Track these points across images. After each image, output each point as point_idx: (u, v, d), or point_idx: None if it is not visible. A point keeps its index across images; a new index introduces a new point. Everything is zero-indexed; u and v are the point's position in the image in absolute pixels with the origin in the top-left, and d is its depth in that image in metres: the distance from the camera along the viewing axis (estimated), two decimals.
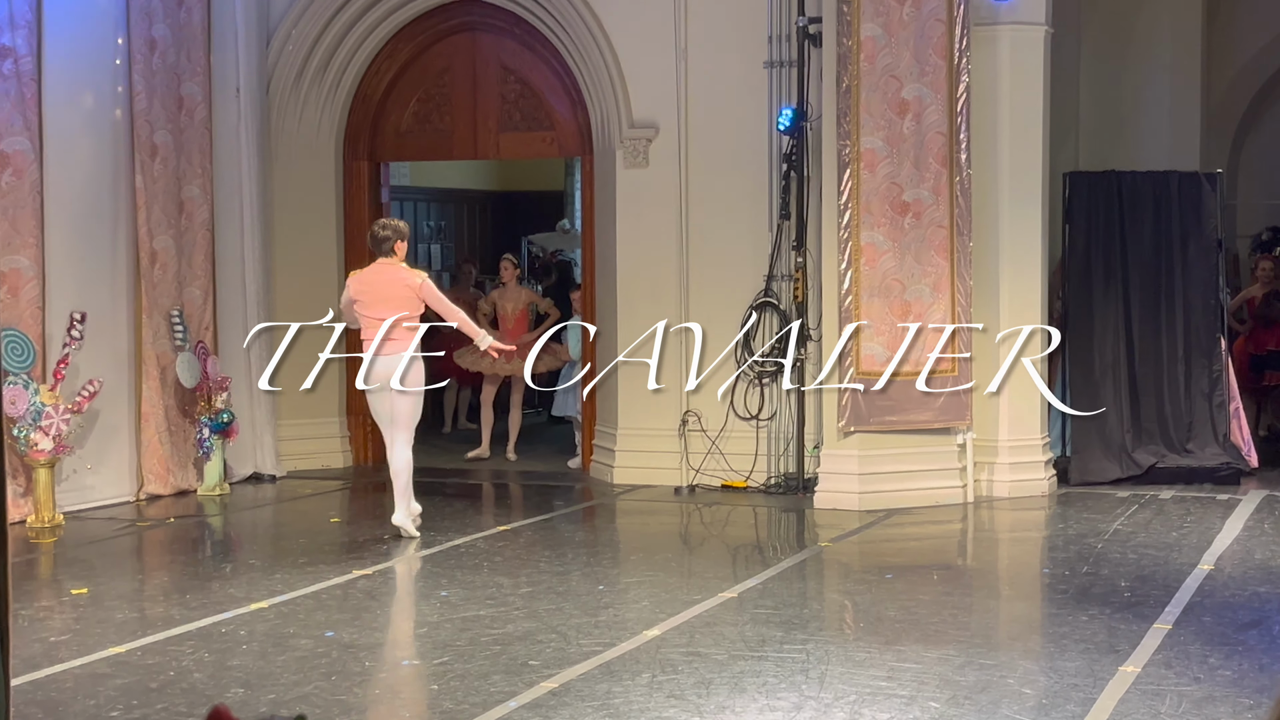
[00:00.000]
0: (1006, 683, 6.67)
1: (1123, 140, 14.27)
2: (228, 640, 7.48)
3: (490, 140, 13.33)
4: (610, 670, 6.86)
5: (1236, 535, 9.97)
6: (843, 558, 9.75)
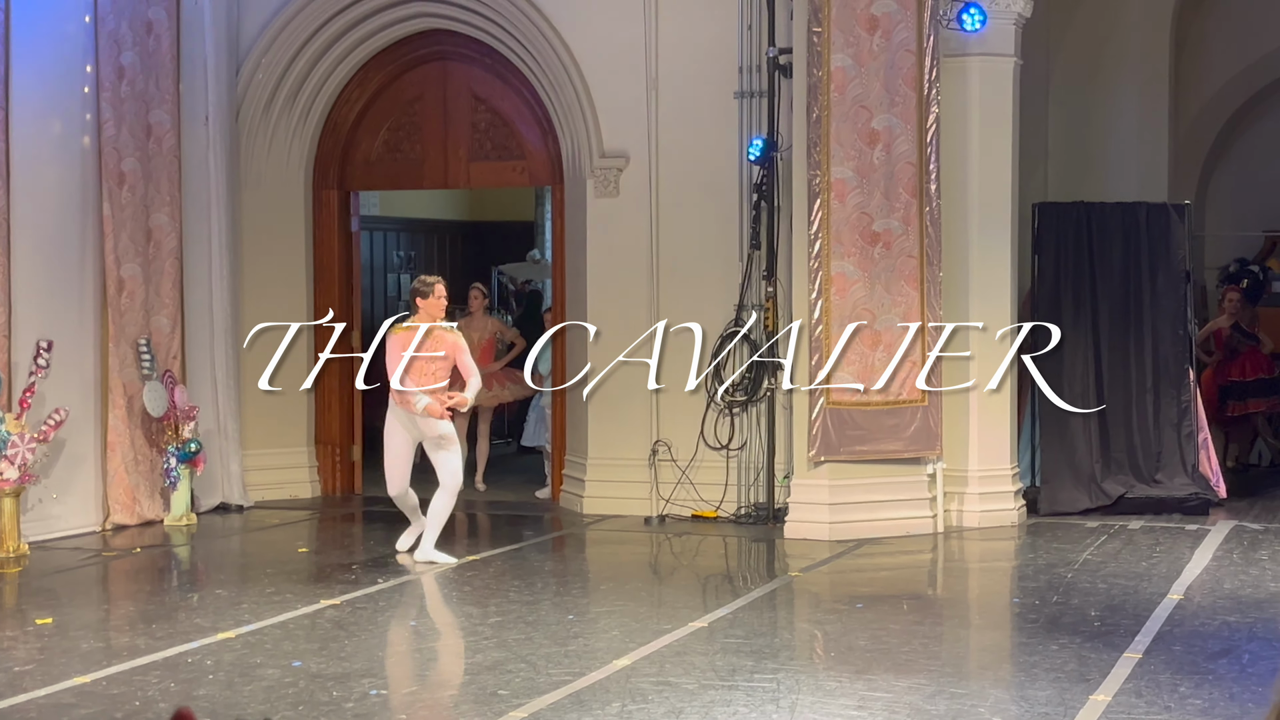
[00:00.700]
0: (978, 711, 6.65)
1: (1091, 171, 14.35)
2: (194, 670, 7.41)
3: (461, 169, 13.32)
4: (580, 700, 6.82)
5: (1205, 565, 9.99)
6: (813, 587, 9.73)
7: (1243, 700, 6.76)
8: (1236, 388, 14.24)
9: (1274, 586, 9.28)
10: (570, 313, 12.63)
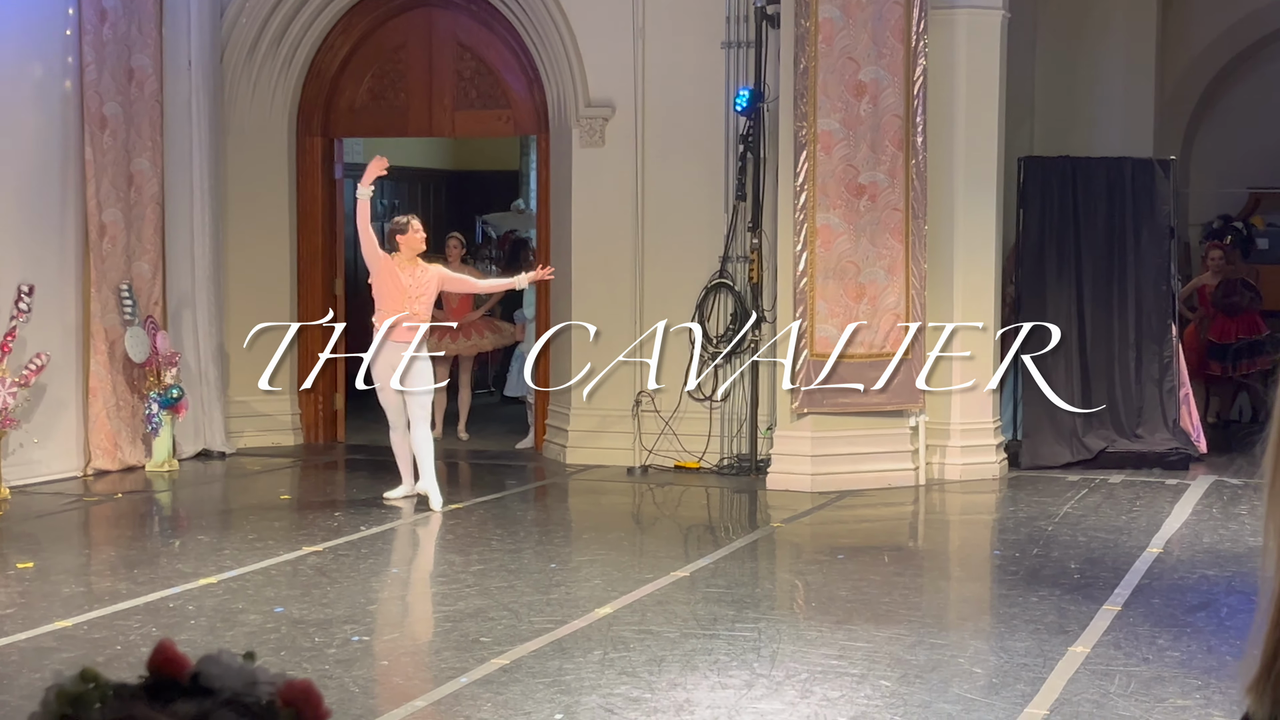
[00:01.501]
0: (957, 662, 6.69)
1: (1077, 126, 14.33)
2: (176, 615, 7.42)
3: (445, 118, 13.24)
4: (562, 647, 6.84)
5: (1185, 519, 10.04)
6: (795, 538, 9.76)
7: (1220, 653, 6.81)
8: (1243, 346, 14.21)
9: (1253, 541, 9.32)
10: (554, 263, 12.58)
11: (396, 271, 9.99)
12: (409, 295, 9.99)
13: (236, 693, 1.12)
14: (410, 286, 10.00)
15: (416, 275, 10.05)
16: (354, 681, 6.37)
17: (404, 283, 9.98)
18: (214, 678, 1.12)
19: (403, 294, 9.98)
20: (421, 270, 10.11)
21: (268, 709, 1.11)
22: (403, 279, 9.99)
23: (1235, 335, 14.19)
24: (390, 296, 9.99)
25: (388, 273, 9.99)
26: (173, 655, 1.12)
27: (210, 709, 1.09)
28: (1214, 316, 14.32)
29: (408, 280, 10.00)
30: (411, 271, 10.04)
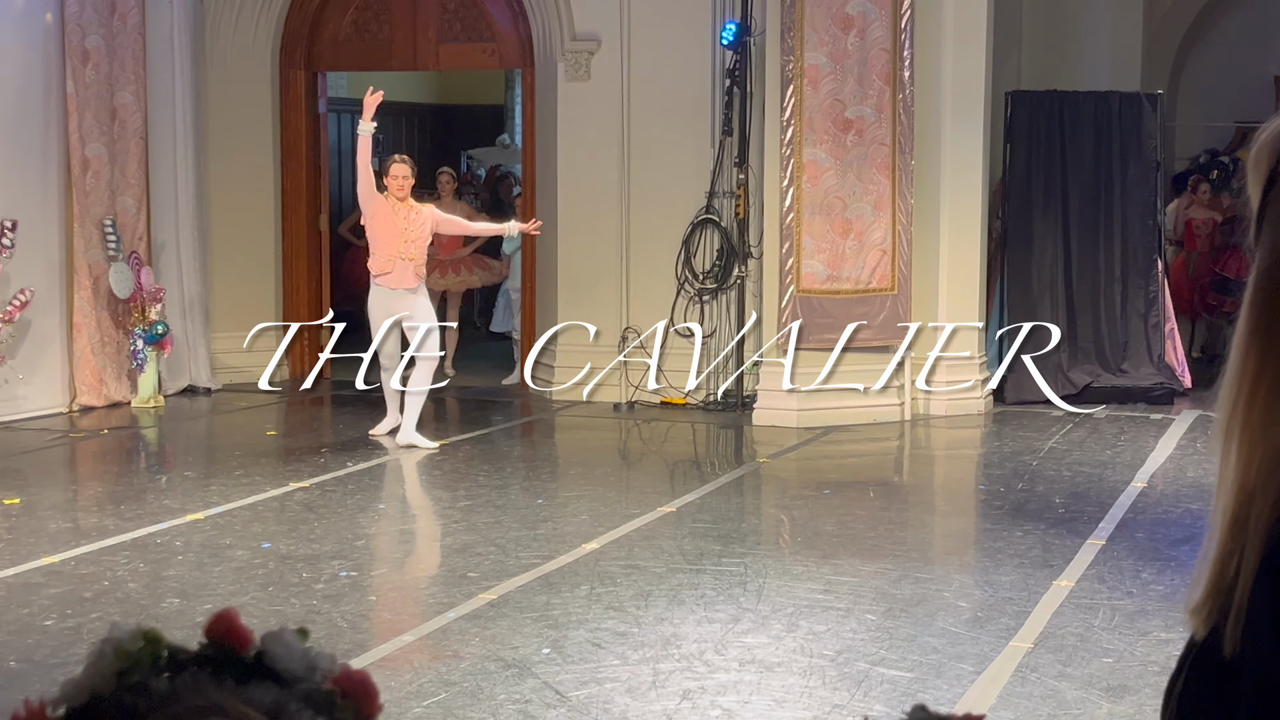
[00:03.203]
0: (942, 596, 6.73)
1: (1065, 60, 14.26)
2: (163, 551, 7.43)
3: (430, 51, 13.14)
4: (549, 582, 6.87)
5: (1169, 454, 10.09)
6: (780, 474, 9.79)
7: None
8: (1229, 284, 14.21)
9: None
10: (540, 199, 12.55)
11: (391, 214, 9.92)
12: (404, 238, 9.93)
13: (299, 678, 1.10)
14: (405, 229, 9.94)
15: (410, 217, 9.99)
16: (342, 617, 6.40)
17: (398, 225, 9.92)
18: (279, 658, 1.11)
19: (397, 236, 9.92)
20: (415, 212, 10.04)
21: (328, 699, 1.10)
22: (397, 221, 9.92)
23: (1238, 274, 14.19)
24: (385, 240, 9.95)
25: (383, 215, 9.93)
26: (236, 628, 1.11)
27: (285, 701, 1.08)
28: (1228, 252, 14.27)
29: (402, 223, 9.93)
30: (406, 214, 9.97)
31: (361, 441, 10.34)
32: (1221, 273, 14.28)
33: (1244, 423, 1.39)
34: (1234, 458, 1.40)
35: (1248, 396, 1.39)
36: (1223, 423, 1.41)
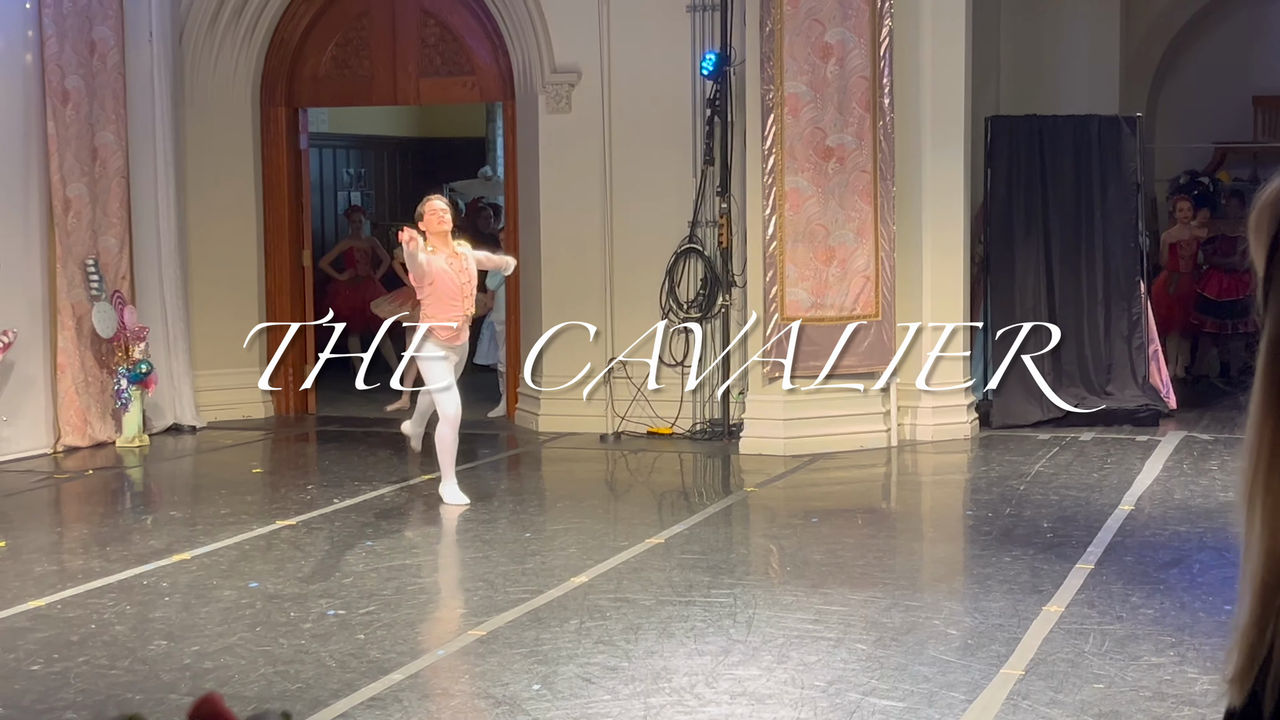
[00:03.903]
0: (932, 624, 6.71)
1: (1043, 84, 14.32)
2: (150, 592, 7.39)
3: (410, 85, 13.16)
4: (538, 617, 6.84)
5: (1156, 476, 10.09)
6: (768, 502, 9.78)
7: (1193, 609, 6.85)
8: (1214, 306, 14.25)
9: (1224, 496, 9.38)
10: (523, 231, 12.56)
11: (447, 273, 9.17)
12: (463, 293, 9.27)
13: None
14: (464, 285, 9.26)
15: (464, 268, 9.29)
16: (330, 656, 6.37)
17: (456, 282, 9.20)
18: None
19: (459, 293, 9.24)
20: (465, 260, 9.35)
21: None
22: (453, 279, 9.18)
23: (1238, 292, 14.22)
24: (448, 300, 9.21)
25: (442, 279, 9.16)
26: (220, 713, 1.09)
27: None
28: (1208, 272, 14.32)
29: (459, 278, 9.23)
30: (459, 268, 9.25)
31: (348, 477, 10.30)
32: (1202, 293, 14.32)
33: (1266, 489, 1.38)
34: (1259, 525, 1.39)
35: (1267, 464, 1.38)
36: (1245, 491, 1.41)
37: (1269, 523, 1.38)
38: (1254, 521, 1.39)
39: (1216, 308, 14.25)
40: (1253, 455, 1.39)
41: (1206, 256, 14.33)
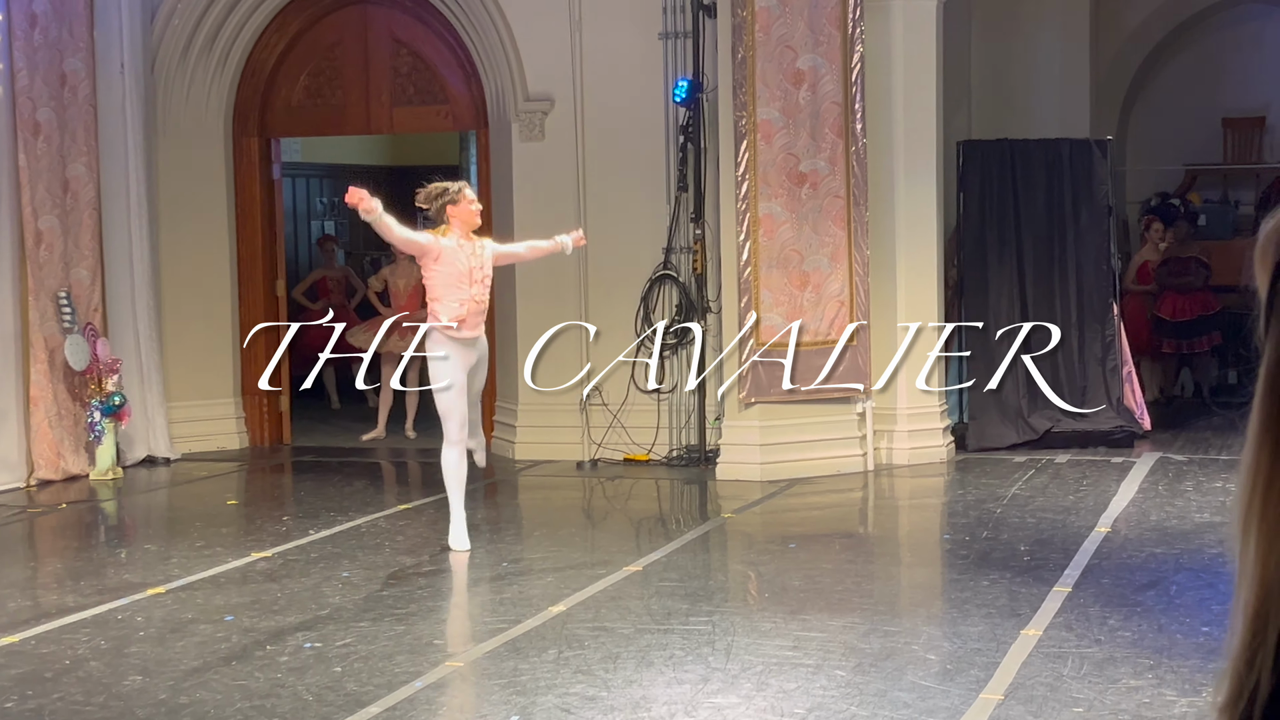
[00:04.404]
0: (911, 649, 6.71)
1: (1014, 108, 14.40)
2: (125, 626, 7.34)
3: (383, 114, 13.16)
4: (516, 648, 6.82)
5: (1132, 497, 10.12)
6: (746, 528, 9.77)
7: (1171, 631, 6.86)
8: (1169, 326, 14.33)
9: (1200, 518, 9.41)
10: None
11: (455, 251, 8.52)
12: (471, 278, 8.57)
13: None
14: (474, 268, 8.59)
15: (475, 253, 8.64)
16: (307, 689, 6.33)
17: (463, 264, 8.53)
18: None
19: (465, 277, 8.54)
20: (479, 247, 8.69)
21: None
22: (462, 261, 8.53)
23: (1191, 312, 14.30)
24: (453, 283, 8.52)
25: (448, 256, 8.50)
26: None
27: None
28: (1163, 293, 14.40)
29: (468, 261, 8.56)
30: (470, 251, 8.60)
31: (323, 508, 10.26)
32: (1157, 314, 14.40)
33: (1260, 517, 1.38)
34: (1252, 553, 1.38)
35: (1263, 491, 1.38)
36: (1239, 518, 1.40)
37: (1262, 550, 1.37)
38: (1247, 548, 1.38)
39: (1173, 328, 14.33)
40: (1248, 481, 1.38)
41: (1160, 278, 14.41)
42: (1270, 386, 1.38)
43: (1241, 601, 1.38)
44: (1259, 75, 16.33)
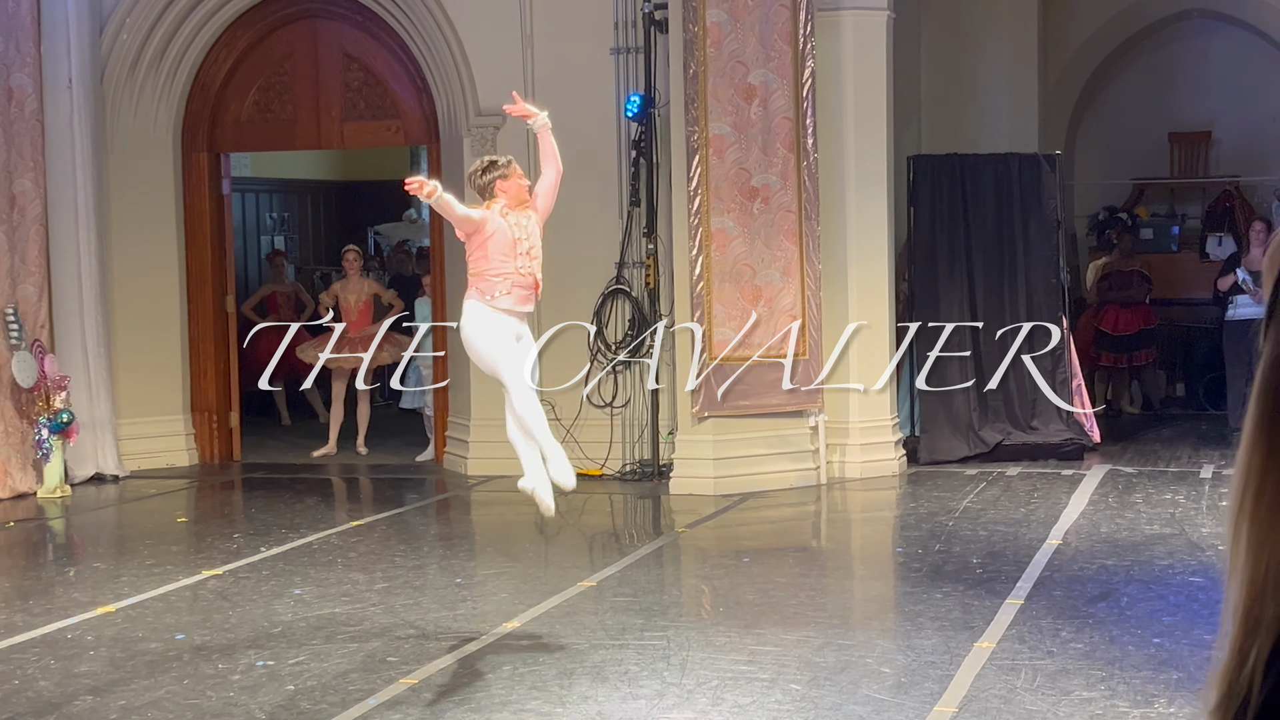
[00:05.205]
0: (865, 662, 6.72)
1: (964, 123, 14.50)
2: (74, 646, 7.26)
3: (334, 129, 13.11)
4: (470, 664, 6.79)
5: (1082, 510, 10.18)
6: (700, 543, 9.77)
7: (1123, 643, 6.90)
8: (1110, 340, 14.46)
9: (1149, 530, 9.48)
10: (450, 275, 12.51)
11: (503, 223, 7.78)
12: (519, 248, 7.86)
13: None
14: (519, 239, 7.88)
15: (524, 224, 7.92)
16: (260, 708, 6.28)
17: (511, 235, 7.85)
18: None
19: (513, 247, 7.84)
20: (525, 217, 7.94)
21: None
22: (509, 231, 7.83)
23: (1134, 325, 14.43)
24: (497, 255, 7.79)
25: (494, 226, 7.76)
26: None
27: None
28: (1105, 306, 14.53)
29: (516, 231, 7.87)
30: (518, 220, 7.90)
31: (275, 525, 10.19)
32: (1099, 327, 14.52)
33: (1251, 518, 1.37)
34: (1243, 553, 1.38)
35: (1255, 492, 1.37)
36: (1231, 518, 1.40)
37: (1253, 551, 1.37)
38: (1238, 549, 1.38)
39: (1113, 341, 14.45)
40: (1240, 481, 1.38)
41: (1102, 291, 14.54)
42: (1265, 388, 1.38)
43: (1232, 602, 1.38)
44: (1205, 90, 16.51)
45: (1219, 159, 16.64)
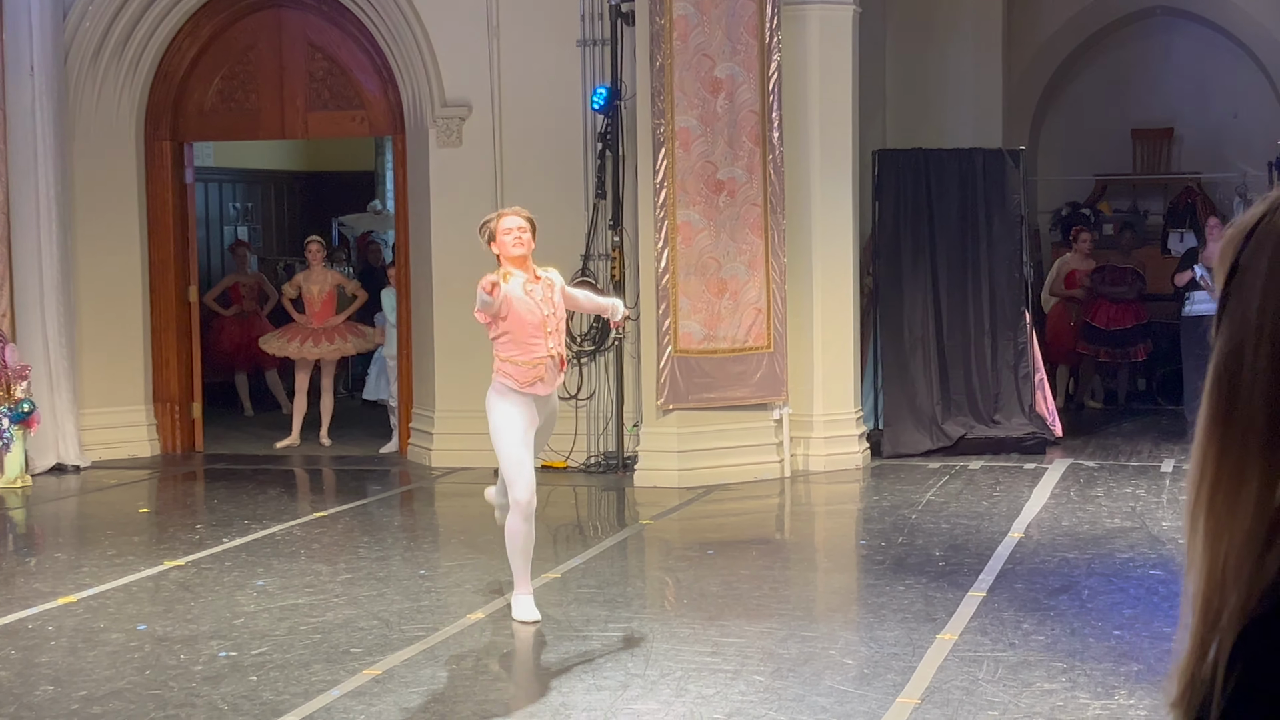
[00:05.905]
0: (828, 654, 6.75)
1: (928, 118, 14.54)
2: (35, 636, 7.22)
3: (298, 119, 13.06)
4: (434, 655, 6.78)
5: (1044, 503, 10.24)
6: (664, 535, 9.78)
7: (1084, 635, 6.95)
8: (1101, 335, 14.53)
9: (1110, 523, 9.54)
10: (414, 266, 12.49)
11: (524, 302, 7.26)
12: (545, 327, 7.30)
13: None
14: (547, 317, 7.30)
15: (545, 297, 7.34)
16: (222, 699, 6.26)
17: (540, 313, 7.27)
18: None
19: (540, 328, 7.28)
20: (547, 287, 7.37)
21: None
22: (533, 311, 7.26)
23: (1126, 321, 14.50)
24: (523, 339, 7.27)
25: (519, 308, 7.26)
26: None
27: None
28: (1096, 301, 14.58)
29: (545, 309, 7.30)
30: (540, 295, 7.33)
31: (237, 516, 10.15)
32: (1090, 322, 14.59)
33: (1208, 510, 1.38)
34: (1201, 546, 1.39)
35: (1210, 484, 1.38)
36: (1189, 510, 1.41)
37: (1210, 544, 1.38)
38: (1195, 541, 1.39)
39: (1106, 337, 14.53)
40: (1196, 475, 1.39)
41: (1093, 285, 14.60)
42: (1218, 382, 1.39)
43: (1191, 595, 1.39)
44: (1167, 88, 16.61)
45: (1181, 156, 16.74)
